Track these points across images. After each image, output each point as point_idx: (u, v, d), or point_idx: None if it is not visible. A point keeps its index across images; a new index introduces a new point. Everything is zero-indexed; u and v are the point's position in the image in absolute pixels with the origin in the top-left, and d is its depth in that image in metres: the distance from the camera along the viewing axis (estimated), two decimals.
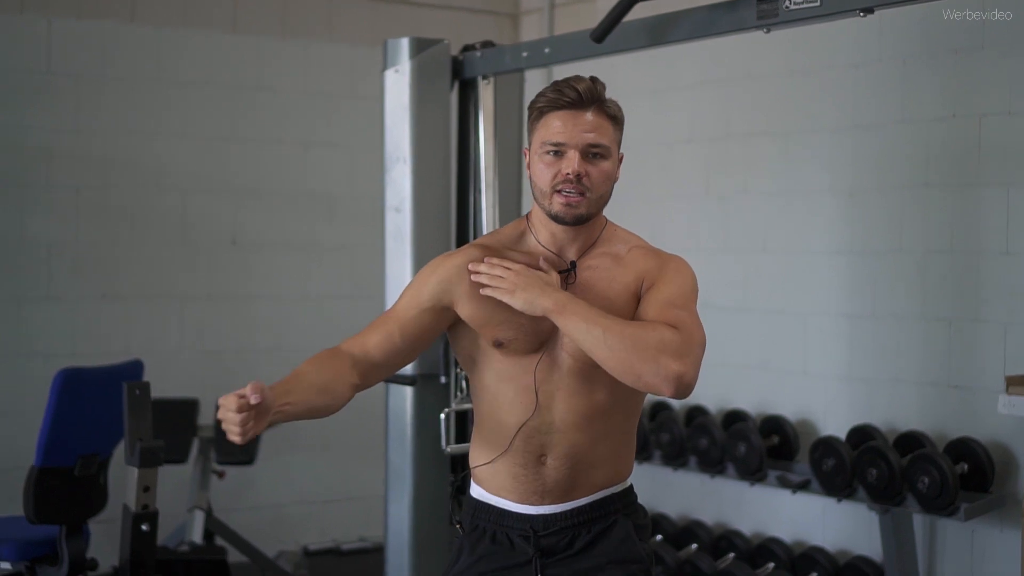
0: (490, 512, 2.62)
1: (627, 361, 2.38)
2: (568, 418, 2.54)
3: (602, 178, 2.51)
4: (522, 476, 2.56)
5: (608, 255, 2.59)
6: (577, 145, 2.48)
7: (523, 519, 2.58)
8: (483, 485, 2.65)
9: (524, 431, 2.54)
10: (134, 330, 5.67)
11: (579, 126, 2.49)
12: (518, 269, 2.51)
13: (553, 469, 2.55)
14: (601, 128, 2.51)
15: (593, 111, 2.51)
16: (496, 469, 2.60)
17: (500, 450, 2.58)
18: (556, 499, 2.57)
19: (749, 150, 5.30)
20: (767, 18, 3.31)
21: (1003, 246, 4.38)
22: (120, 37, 5.65)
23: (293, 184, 6.08)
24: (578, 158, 2.48)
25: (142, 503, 3.81)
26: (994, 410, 4.12)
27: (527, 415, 2.54)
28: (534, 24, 6.52)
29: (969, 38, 4.48)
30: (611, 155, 2.53)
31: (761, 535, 5.22)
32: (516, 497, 2.58)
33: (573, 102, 2.50)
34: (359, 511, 6.14)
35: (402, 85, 4.31)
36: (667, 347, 2.38)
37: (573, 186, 2.48)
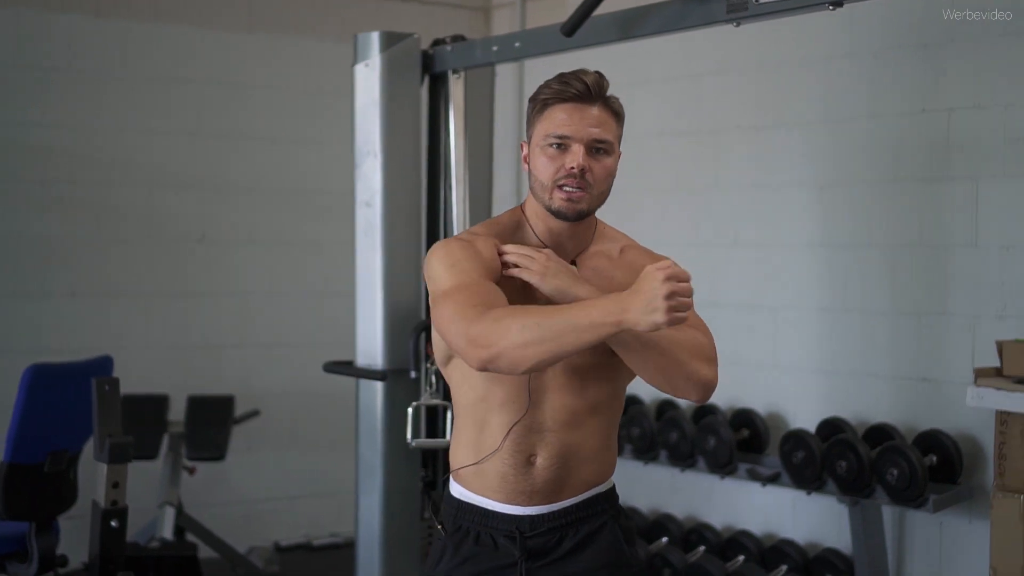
0: (474, 513, 2.53)
1: (660, 365, 2.35)
2: (560, 416, 2.47)
3: (604, 174, 2.45)
4: (511, 476, 2.48)
5: (603, 255, 2.55)
6: (582, 139, 2.42)
7: (509, 520, 2.50)
8: (466, 485, 2.55)
9: (515, 431, 2.46)
10: (103, 326, 5.64)
11: (585, 120, 2.43)
12: (548, 254, 2.45)
13: (543, 469, 2.48)
14: (606, 123, 2.45)
15: (599, 106, 2.45)
16: (482, 469, 2.50)
17: (488, 451, 2.49)
18: (544, 499, 2.49)
19: (719, 144, 5.31)
20: (736, 12, 3.32)
21: (972, 239, 4.41)
22: (87, 31, 5.61)
23: (262, 180, 6.06)
24: (582, 152, 2.41)
25: (112, 499, 3.79)
26: (962, 402, 4.14)
27: (519, 414, 2.46)
28: (505, 18, 6.51)
29: (938, 33, 4.50)
30: (613, 151, 2.47)
31: (731, 528, 5.24)
32: (503, 497, 2.50)
33: (580, 95, 2.44)
34: (330, 506, 6.13)
35: (372, 79, 4.30)
36: (699, 352, 2.37)
37: (576, 181, 2.41)
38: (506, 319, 2.25)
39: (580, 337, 2.20)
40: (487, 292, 2.36)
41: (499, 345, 2.23)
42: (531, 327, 2.22)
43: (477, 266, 2.42)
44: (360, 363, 4.37)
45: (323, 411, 6.08)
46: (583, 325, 2.19)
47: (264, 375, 6.02)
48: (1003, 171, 4.32)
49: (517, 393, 2.46)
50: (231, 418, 5.57)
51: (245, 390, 5.84)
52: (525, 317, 2.24)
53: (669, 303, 2.15)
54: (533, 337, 2.21)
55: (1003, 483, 3.99)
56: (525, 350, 2.22)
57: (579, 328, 2.20)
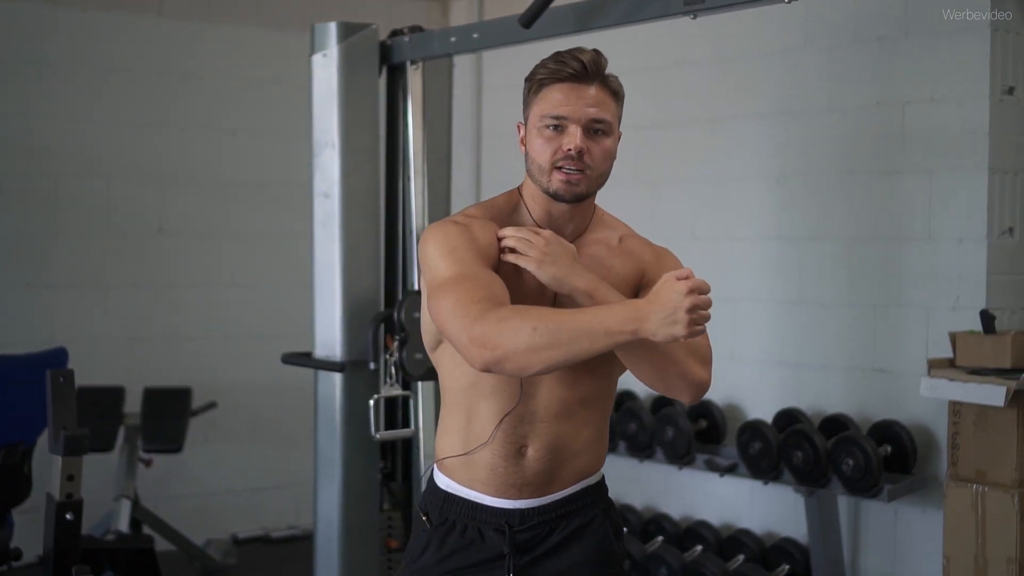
0: (461, 505, 2.45)
1: (657, 364, 2.31)
2: (552, 407, 2.40)
3: (603, 155, 2.37)
4: (500, 468, 2.40)
5: (601, 242, 2.47)
6: (579, 120, 2.34)
7: (499, 513, 2.42)
8: (453, 476, 2.47)
9: (505, 421, 2.38)
10: (59, 318, 5.60)
11: (582, 100, 2.34)
12: (548, 237, 2.35)
13: (534, 460, 2.41)
14: (604, 103, 2.36)
15: (597, 85, 2.37)
16: (471, 460, 2.42)
17: (478, 441, 2.40)
18: (534, 492, 2.42)
19: (677, 137, 5.33)
20: (693, 4, 3.32)
21: (926, 231, 4.45)
22: (44, 21, 5.56)
23: (221, 170, 6.03)
24: (580, 134, 2.33)
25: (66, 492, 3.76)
26: (916, 393, 4.18)
27: (510, 404, 2.38)
28: (463, 9, 6.51)
29: (893, 26, 4.53)
30: (613, 132, 2.38)
31: (689, 518, 5.26)
32: (492, 490, 2.42)
33: (577, 74, 2.35)
34: (288, 499, 6.12)
35: (330, 70, 4.29)
36: (696, 352, 2.32)
37: (574, 163, 2.34)
38: (513, 320, 2.16)
39: (594, 344, 2.13)
40: (488, 285, 2.26)
41: (505, 347, 2.15)
42: (542, 331, 2.13)
43: (475, 254, 2.33)
44: (318, 354, 4.36)
45: (281, 403, 6.06)
46: (598, 332, 2.12)
47: (222, 367, 6.00)
48: (957, 164, 4.36)
49: (508, 381, 2.37)
50: (188, 410, 5.55)
51: (203, 382, 5.82)
52: (535, 319, 2.15)
53: (691, 316, 2.09)
54: (544, 342, 2.13)
55: (956, 473, 4.03)
56: (535, 355, 2.14)
57: (593, 335, 2.12)
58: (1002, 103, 4.27)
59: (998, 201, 4.30)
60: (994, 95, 4.25)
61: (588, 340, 2.13)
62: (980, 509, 3.93)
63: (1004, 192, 4.31)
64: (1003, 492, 3.89)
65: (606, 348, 2.15)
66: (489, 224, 2.42)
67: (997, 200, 4.29)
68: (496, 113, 6.24)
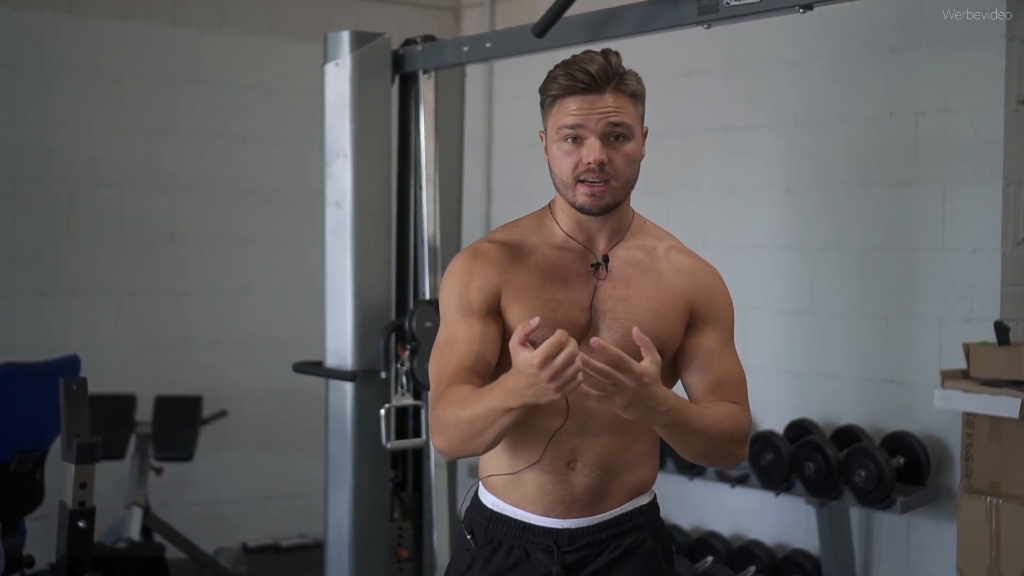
0: (508, 525, 2.38)
1: (709, 458, 2.36)
2: (601, 420, 2.32)
3: (626, 162, 2.30)
4: (549, 485, 2.34)
5: (643, 249, 2.42)
6: (596, 129, 2.27)
7: (547, 533, 2.35)
8: (500, 495, 2.41)
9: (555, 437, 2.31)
10: (71, 325, 5.60)
11: (596, 109, 2.27)
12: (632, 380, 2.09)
13: (583, 476, 2.34)
14: (622, 108, 2.29)
15: (611, 91, 2.28)
16: (518, 478, 2.36)
17: (525, 458, 2.34)
18: (584, 509, 2.35)
19: (689, 146, 5.33)
20: (707, 14, 3.32)
21: (939, 242, 4.44)
22: (58, 28, 5.58)
23: (232, 178, 6.04)
24: (598, 144, 2.26)
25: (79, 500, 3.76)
26: (929, 404, 4.16)
27: (557, 419, 2.30)
28: (475, 18, 6.51)
29: (906, 36, 4.53)
30: (634, 135, 2.31)
31: (700, 529, 5.25)
32: (540, 509, 2.35)
33: (588, 86, 2.27)
34: (298, 507, 6.11)
35: (342, 79, 4.29)
36: (737, 437, 2.33)
37: (596, 175, 2.27)
38: (441, 410, 2.22)
39: (502, 422, 2.12)
40: (460, 356, 2.29)
41: (443, 439, 2.23)
42: (458, 426, 2.18)
43: (464, 309, 2.33)
44: (329, 363, 4.36)
45: (292, 411, 6.06)
46: (497, 413, 2.11)
47: (233, 375, 6.00)
48: (971, 175, 4.35)
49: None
50: (199, 418, 5.55)
51: (214, 390, 5.82)
52: (453, 414, 2.19)
53: (556, 385, 2.00)
54: (468, 433, 2.17)
55: (969, 484, 4.01)
56: (467, 445, 2.21)
57: (495, 417, 2.12)
58: (1016, 113, 4.26)
59: (1012, 212, 4.28)
60: (1008, 105, 4.24)
61: (496, 423, 2.13)
62: (994, 521, 3.91)
63: (1018, 203, 4.30)
64: (1017, 504, 3.87)
65: (516, 419, 2.11)
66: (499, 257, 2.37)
67: (1011, 211, 4.28)
68: (507, 122, 6.24)
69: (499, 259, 2.37)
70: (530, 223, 2.44)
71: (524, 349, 2.03)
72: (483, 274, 2.35)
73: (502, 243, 2.40)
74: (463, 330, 2.32)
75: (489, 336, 2.32)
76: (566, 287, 2.34)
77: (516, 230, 2.44)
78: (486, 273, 2.35)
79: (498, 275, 2.35)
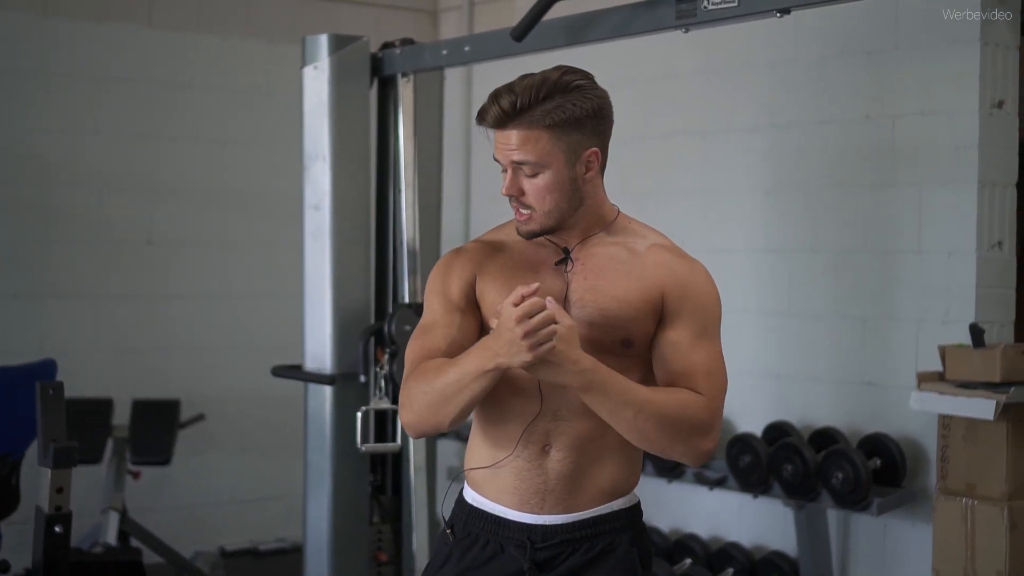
0: (486, 520, 2.44)
1: (657, 443, 2.30)
2: (573, 406, 2.35)
3: (541, 193, 2.34)
4: (524, 471, 2.38)
5: (623, 246, 2.44)
6: (507, 164, 2.34)
7: (521, 528, 2.40)
8: (480, 489, 2.46)
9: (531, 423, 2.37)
10: (47, 329, 5.58)
11: (504, 145, 2.33)
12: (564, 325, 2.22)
13: (557, 462, 2.37)
14: (527, 143, 2.31)
15: (516, 127, 2.31)
16: (496, 471, 2.41)
17: (504, 447, 2.40)
18: (557, 503, 2.39)
19: (667, 149, 5.34)
20: (685, 18, 3.34)
21: (915, 245, 4.46)
22: (33, 30, 5.55)
23: (210, 182, 6.02)
24: (510, 177, 2.34)
25: (55, 504, 3.75)
26: (906, 406, 4.18)
27: (535, 406, 2.36)
28: (453, 22, 6.51)
29: (882, 40, 4.55)
30: (548, 167, 2.33)
31: (679, 531, 5.26)
32: (515, 502, 2.40)
33: (497, 121, 2.32)
34: (277, 511, 6.09)
35: (321, 82, 4.29)
36: (698, 426, 2.30)
37: (516, 204, 2.37)
38: (412, 383, 2.32)
39: (474, 388, 2.24)
40: (435, 340, 2.40)
41: (413, 411, 2.33)
42: (430, 393, 2.28)
43: (444, 298, 2.44)
44: (308, 367, 4.36)
45: (271, 415, 6.04)
46: (470, 376, 2.23)
47: (212, 378, 5.98)
48: (947, 178, 4.37)
49: (527, 383, 2.36)
50: (176, 422, 5.53)
51: (192, 394, 5.80)
52: (423, 381, 2.30)
53: (530, 341, 2.14)
54: (436, 400, 2.28)
55: (945, 486, 4.03)
56: (435, 414, 2.30)
57: (467, 381, 2.24)
58: (992, 116, 4.29)
59: (987, 214, 4.31)
60: (983, 108, 4.27)
61: (467, 388, 2.24)
62: (970, 522, 3.93)
63: (994, 205, 4.32)
64: (992, 505, 3.89)
65: (489, 385, 2.24)
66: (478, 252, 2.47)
67: (987, 213, 4.30)
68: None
69: (478, 254, 2.48)
70: (514, 225, 2.48)
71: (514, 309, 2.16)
72: (462, 266, 2.46)
73: (485, 242, 2.51)
74: (442, 317, 2.43)
75: (466, 326, 2.43)
76: (537, 277, 2.40)
77: (500, 232, 2.53)
78: (464, 266, 2.46)
79: (475, 267, 2.45)
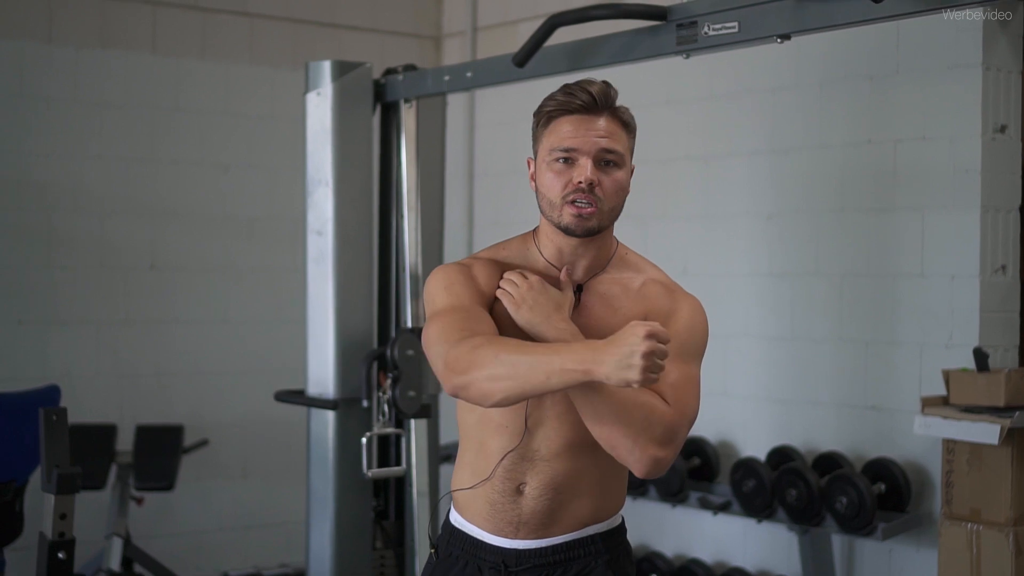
0: (464, 541, 2.45)
1: (608, 430, 2.23)
2: (554, 446, 2.35)
3: (615, 188, 2.33)
4: (499, 504, 2.39)
5: (618, 283, 2.43)
6: (590, 152, 2.30)
7: (496, 552, 2.41)
8: (461, 511, 2.48)
9: (507, 457, 2.36)
10: (51, 355, 5.57)
11: (592, 131, 2.30)
12: (533, 282, 2.34)
13: (531, 499, 2.37)
14: (615, 135, 2.33)
15: (607, 116, 2.33)
16: (474, 496, 2.42)
17: (481, 476, 2.39)
18: (532, 532, 2.39)
19: (669, 174, 5.34)
20: (686, 44, 3.35)
21: (918, 269, 4.46)
22: (37, 57, 5.57)
23: (213, 207, 6.03)
24: (591, 166, 2.29)
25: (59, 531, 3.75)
26: (910, 431, 4.18)
27: (514, 441, 2.36)
28: (456, 48, 6.53)
29: (884, 64, 4.56)
30: (624, 164, 2.35)
31: (683, 556, 5.25)
32: (491, 527, 2.41)
33: (586, 106, 2.31)
34: (280, 536, 6.08)
35: (324, 108, 4.30)
36: (653, 428, 2.22)
37: (585, 196, 2.29)
38: (483, 348, 2.17)
39: (548, 380, 2.11)
40: (475, 318, 2.30)
41: (471, 374, 2.17)
42: (504, 362, 2.14)
43: (470, 291, 2.35)
44: (311, 392, 4.36)
45: (273, 440, 6.04)
46: (552, 369, 2.10)
47: (214, 404, 5.98)
48: (949, 202, 4.37)
49: (513, 418, 2.35)
50: (180, 448, 5.52)
51: (195, 419, 5.80)
52: (500, 350, 2.16)
53: (646, 363, 2.03)
54: (503, 372, 2.14)
55: (950, 511, 4.03)
56: (494, 383, 2.14)
57: (547, 371, 2.10)
58: (994, 141, 4.30)
59: (991, 239, 4.31)
60: (986, 133, 4.28)
61: (544, 374, 2.10)
62: (975, 548, 3.92)
63: (997, 230, 4.32)
64: (997, 531, 3.89)
65: (562, 385, 2.11)
66: (493, 265, 2.42)
67: (989, 238, 4.31)
68: (489, 150, 6.26)
69: (484, 274, 2.41)
70: (516, 246, 2.47)
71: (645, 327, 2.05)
72: (469, 282, 2.39)
73: (490, 260, 2.44)
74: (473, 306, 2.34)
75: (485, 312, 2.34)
76: None
77: (503, 252, 2.47)
78: (472, 282, 2.39)
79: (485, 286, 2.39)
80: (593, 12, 3.51)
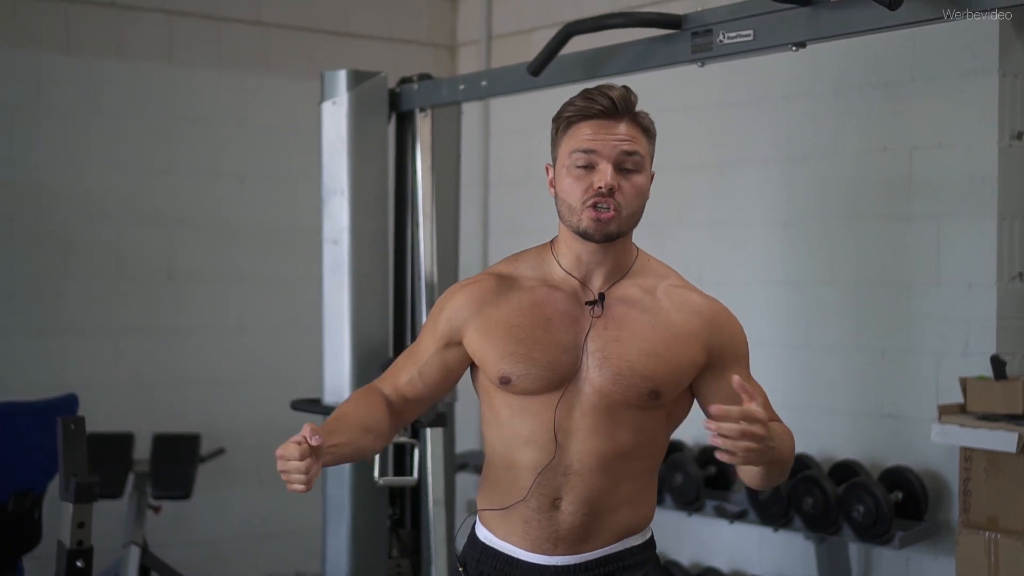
0: (498, 559, 2.41)
1: (773, 479, 2.38)
2: (588, 460, 2.32)
3: (635, 193, 2.34)
4: (535, 522, 2.35)
5: (642, 288, 2.42)
6: (610, 156, 2.30)
7: (533, 569, 2.36)
8: (492, 528, 2.44)
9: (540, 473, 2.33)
10: (68, 364, 5.60)
11: (612, 135, 2.31)
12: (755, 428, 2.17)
13: (569, 515, 2.34)
14: (635, 138, 2.33)
15: (627, 121, 2.34)
16: (507, 514, 2.38)
17: (514, 494, 2.36)
18: (571, 547, 2.35)
19: (683, 182, 5.34)
20: (701, 52, 3.35)
21: (934, 277, 4.45)
22: (56, 68, 5.60)
23: (229, 216, 6.05)
24: (611, 170, 2.29)
25: (77, 539, 3.75)
26: (927, 439, 4.16)
27: (546, 458, 2.32)
28: (471, 56, 6.54)
29: (900, 71, 4.55)
30: (644, 169, 2.36)
31: (699, 565, 5.24)
32: (528, 545, 2.36)
33: (606, 110, 2.31)
34: (296, 545, 6.08)
35: (339, 117, 4.31)
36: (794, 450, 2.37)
37: (606, 200, 2.29)
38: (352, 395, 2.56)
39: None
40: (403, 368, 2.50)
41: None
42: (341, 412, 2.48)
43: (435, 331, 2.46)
44: (327, 401, 4.36)
45: None
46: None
47: (231, 413, 5.99)
48: (965, 210, 4.36)
49: (543, 433, 2.32)
50: (197, 456, 5.53)
51: (212, 428, 5.81)
52: (344, 404, 2.50)
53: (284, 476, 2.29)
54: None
55: (968, 519, 4.01)
56: None
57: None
58: (1010, 148, 4.29)
59: (1007, 246, 4.30)
60: (1002, 140, 4.27)
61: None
62: (993, 556, 3.91)
63: (1013, 237, 4.31)
64: (1015, 539, 3.87)
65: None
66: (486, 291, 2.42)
67: (1006, 245, 4.30)
68: (504, 159, 6.26)
69: (484, 294, 2.42)
70: (531, 257, 2.46)
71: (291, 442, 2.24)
72: (458, 307, 2.44)
73: (499, 276, 2.44)
74: (421, 349, 2.50)
75: (433, 364, 2.47)
76: (548, 327, 2.35)
77: (517, 264, 2.46)
78: (461, 307, 2.43)
79: (472, 312, 2.41)
80: (608, 20, 3.51)
